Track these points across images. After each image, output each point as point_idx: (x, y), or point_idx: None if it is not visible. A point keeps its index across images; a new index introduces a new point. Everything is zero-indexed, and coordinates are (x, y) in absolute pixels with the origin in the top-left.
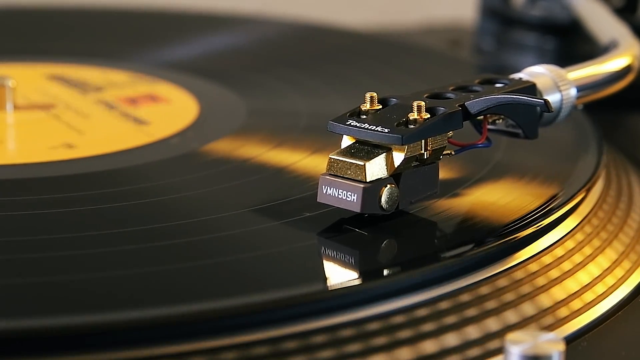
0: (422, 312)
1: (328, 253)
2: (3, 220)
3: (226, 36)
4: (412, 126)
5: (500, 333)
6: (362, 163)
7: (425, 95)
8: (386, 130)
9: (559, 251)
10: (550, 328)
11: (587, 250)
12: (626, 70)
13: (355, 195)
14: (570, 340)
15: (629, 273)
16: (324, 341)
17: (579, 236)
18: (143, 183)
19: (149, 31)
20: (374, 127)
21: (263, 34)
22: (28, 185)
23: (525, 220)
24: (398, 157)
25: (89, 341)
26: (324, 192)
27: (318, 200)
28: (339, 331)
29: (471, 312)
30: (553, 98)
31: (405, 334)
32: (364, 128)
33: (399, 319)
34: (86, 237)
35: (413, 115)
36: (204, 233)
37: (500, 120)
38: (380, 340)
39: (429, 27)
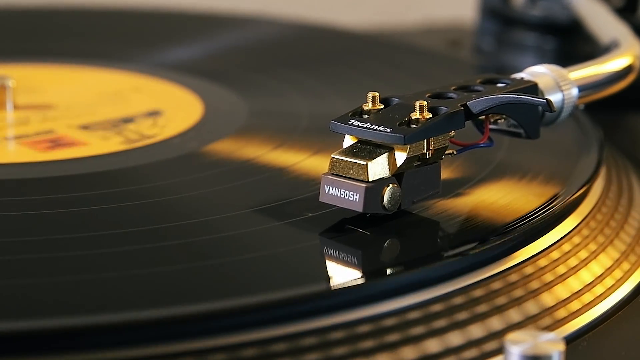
0: (426, 310)
1: (330, 253)
2: (3, 220)
3: (226, 36)
4: (414, 126)
5: (500, 333)
6: (364, 162)
7: (427, 95)
8: (388, 130)
9: (559, 251)
10: (550, 328)
11: (587, 250)
12: (627, 70)
13: (358, 194)
14: (570, 340)
15: (629, 273)
16: (323, 341)
17: (579, 236)
18: (144, 184)
19: (149, 31)
20: (376, 126)
21: (263, 34)
22: (27, 185)
23: (526, 220)
24: (400, 157)
25: (89, 341)
26: (326, 191)
27: (320, 200)
28: (350, 329)
29: (472, 312)
30: (555, 98)
31: (410, 332)
32: (366, 127)
33: (408, 316)
34: (86, 238)
35: (415, 115)
36: (206, 233)
37: (502, 120)
38: (385, 339)
39: (429, 27)
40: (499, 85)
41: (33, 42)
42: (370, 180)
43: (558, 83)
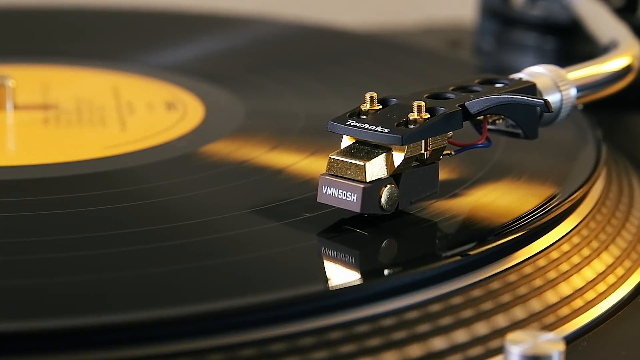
0: (424, 310)
1: (328, 253)
2: (3, 221)
3: (224, 37)
4: (412, 126)
5: (500, 333)
6: (362, 163)
7: (425, 96)
8: (386, 131)
9: (558, 251)
10: (550, 328)
11: (587, 250)
12: (626, 70)
13: (355, 195)
14: (570, 340)
15: (629, 273)
16: (320, 341)
17: (579, 236)
18: (141, 185)
19: (148, 32)
20: (374, 127)
21: (262, 34)
22: (27, 186)
23: (524, 220)
24: (398, 157)
25: (89, 341)
26: (324, 192)
27: (318, 201)
28: (348, 329)
29: (470, 312)
30: (553, 98)
31: (409, 332)
32: (364, 128)
33: (406, 316)
34: (86, 239)
35: (413, 116)
36: (204, 234)
37: (500, 121)
38: (384, 339)
39: (429, 27)
40: (497, 85)
41: (33, 42)
42: (367, 180)
43: (556, 83)
